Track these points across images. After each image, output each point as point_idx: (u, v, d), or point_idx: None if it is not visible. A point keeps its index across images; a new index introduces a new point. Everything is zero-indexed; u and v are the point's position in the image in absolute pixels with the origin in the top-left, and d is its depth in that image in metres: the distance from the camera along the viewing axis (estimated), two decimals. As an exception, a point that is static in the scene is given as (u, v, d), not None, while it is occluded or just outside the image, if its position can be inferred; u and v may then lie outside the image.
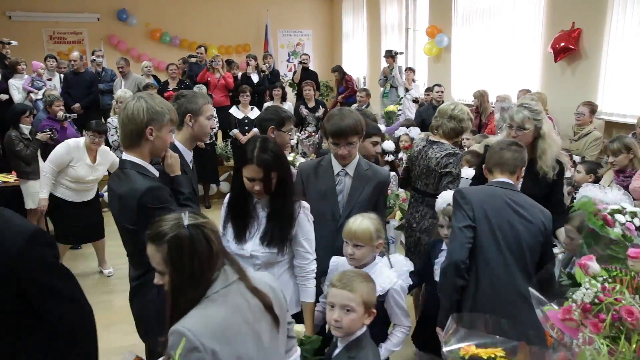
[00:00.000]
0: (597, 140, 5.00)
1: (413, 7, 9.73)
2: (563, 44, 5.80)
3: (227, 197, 2.31)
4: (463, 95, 7.86)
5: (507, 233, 2.24)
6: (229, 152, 7.41)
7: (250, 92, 6.94)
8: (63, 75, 7.77)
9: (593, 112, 5.20)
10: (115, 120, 5.60)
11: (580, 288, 1.27)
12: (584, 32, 5.69)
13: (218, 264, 1.41)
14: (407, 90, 8.06)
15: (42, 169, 4.73)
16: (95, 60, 8.11)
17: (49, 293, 1.51)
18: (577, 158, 4.67)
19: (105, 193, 2.38)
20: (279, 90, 7.46)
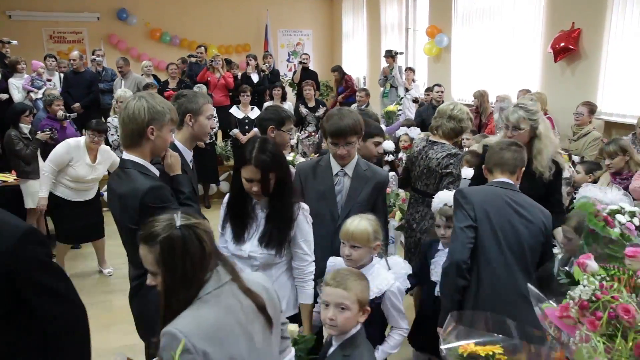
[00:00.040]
0: (596, 140, 5.01)
1: (413, 7, 9.73)
2: (563, 44, 5.80)
3: (226, 197, 2.30)
4: (463, 95, 7.86)
5: (508, 233, 2.24)
6: (229, 151, 7.41)
7: (251, 92, 6.95)
8: (63, 75, 7.78)
9: (592, 112, 5.21)
10: (115, 120, 5.60)
11: (578, 285, 1.28)
12: (584, 32, 5.70)
13: (211, 265, 1.41)
14: (407, 90, 8.06)
15: (42, 169, 4.73)
16: (96, 60, 8.13)
17: (42, 292, 1.50)
18: (576, 158, 4.67)
19: (106, 193, 2.38)
20: (279, 90, 7.46)
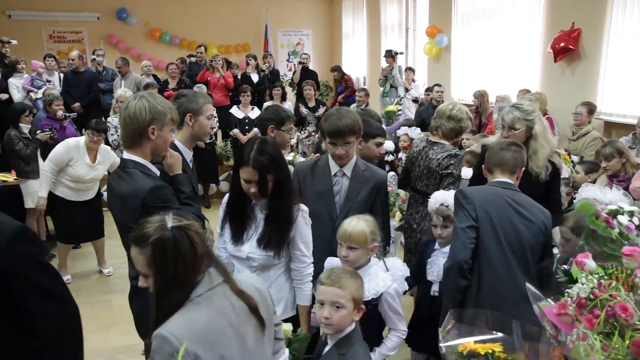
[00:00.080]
0: (595, 140, 5.01)
1: (413, 7, 9.73)
2: (563, 44, 5.81)
3: (225, 197, 2.28)
4: (463, 95, 7.87)
5: (509, 233, 2.25)
6: (229, 151, 7.41)
7: (251, 92, 6.95)
8: (63, 75, 7.77)
9: (591, 112, 5.21)
10: (115, 120, 5.60)
11: (577, 283, 1.28)
12: (584, 32, 5.70)
13: (202, 267, 1.40)
14: (407, 90, 8.06)
15: (41, 168, 4.73)
16: (96, 60, 8.13)
17: (35, 290, 1.50)
18: (575, 158, 4.67)
19: (106, 192, 2.37)
20: (279, 90, 7.46)
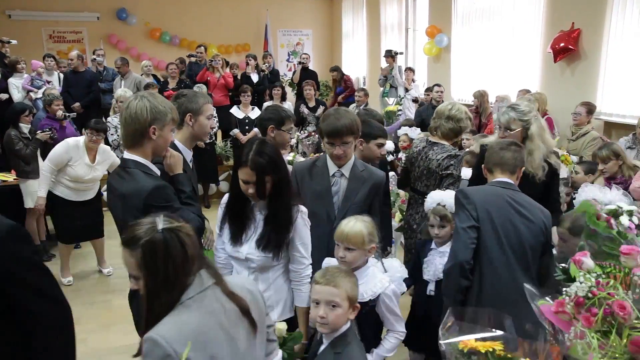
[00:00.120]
0: (594, 140, 5.01)
1: (413, 7, 9.74)
2: (562, 44, 5.81)
3: (225, 197, 2.27)
4: (463, 95, 7.87)
5: (509, 233, 2.25)
6: (229, 151, 7.41)
7: (251, 92, 6.95)
8: (63, 75, 7.77)
9: (590, 112, 5.21)
10: (115, 119, 5.60)
11: (575, 282, 1.28)
12: (584, 32, 5.70)
13: (193, 269, 1.40)
14: (406, 90, 8.07)
15: (41, 168, 4.73)
16: (97, 60, 8.12)
17: (27, 289, 1.50)
18: (574, 158, 4.67)
19: (105, 192, 2.37)
20: (279, 90, 7.46)
